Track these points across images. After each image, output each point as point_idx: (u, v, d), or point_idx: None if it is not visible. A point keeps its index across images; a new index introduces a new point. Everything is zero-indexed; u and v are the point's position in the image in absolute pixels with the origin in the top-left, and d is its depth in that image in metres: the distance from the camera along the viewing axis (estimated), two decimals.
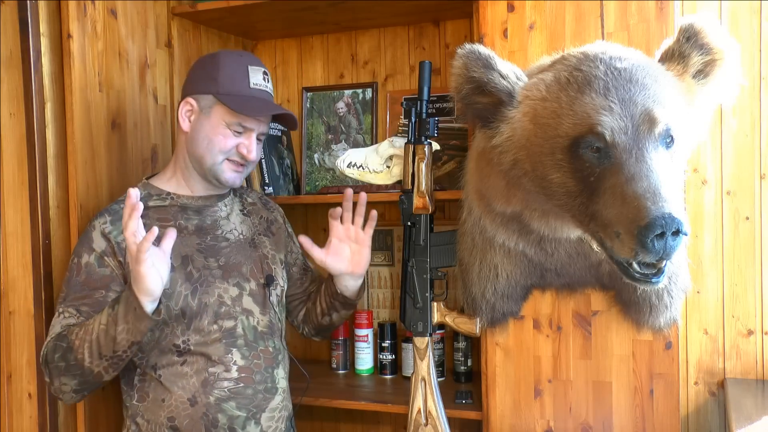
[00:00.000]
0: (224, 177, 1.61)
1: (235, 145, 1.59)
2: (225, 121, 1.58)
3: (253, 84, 1.60)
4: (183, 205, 1.64)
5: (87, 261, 1.54)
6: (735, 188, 1.85)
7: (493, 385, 1.72)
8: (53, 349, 1.46)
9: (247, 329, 1.60)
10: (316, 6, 2.03)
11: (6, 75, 1.71)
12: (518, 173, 1.40)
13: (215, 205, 1.68)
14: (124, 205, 1.51)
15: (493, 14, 1.68)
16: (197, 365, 1.54)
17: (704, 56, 1.37)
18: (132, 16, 1.91)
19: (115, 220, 1.56)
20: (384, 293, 2.32)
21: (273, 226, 1.79)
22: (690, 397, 1.90)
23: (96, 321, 1.44)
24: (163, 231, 1.45)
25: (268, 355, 1.63)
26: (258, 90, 1.60)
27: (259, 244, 1.71)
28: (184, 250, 1.58)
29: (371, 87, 2.28)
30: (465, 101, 1.41)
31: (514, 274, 1.64)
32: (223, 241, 1.65)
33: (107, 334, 1.42)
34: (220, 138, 1.58)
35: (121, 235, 1.53)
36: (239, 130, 1.59)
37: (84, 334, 1.44)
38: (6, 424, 1.75)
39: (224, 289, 1.59)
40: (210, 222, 1.66)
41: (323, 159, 2.31)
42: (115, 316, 1.41)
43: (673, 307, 1.58)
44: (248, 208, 1.77)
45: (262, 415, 1.59)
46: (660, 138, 1.26)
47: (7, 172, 1.73)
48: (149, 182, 1.67)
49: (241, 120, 1.58)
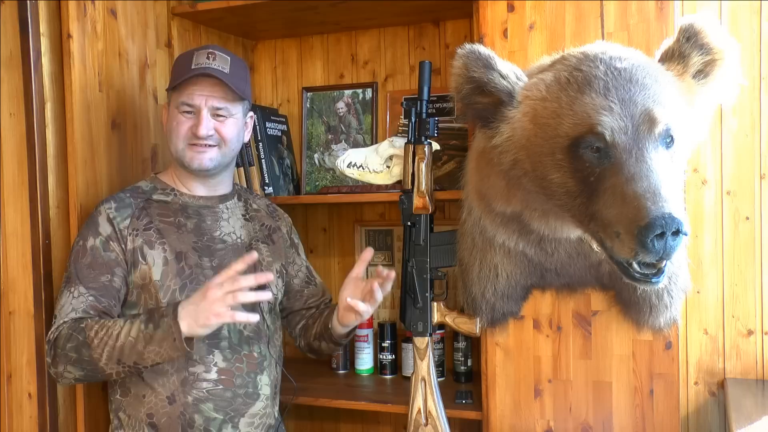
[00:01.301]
0: (188, 161, 1.62)
1: (189, 127, 1.61)
2: (174, 106, 1.62)
3: (195, 65, 1.61)
4: (184, 204, 1.66)
5: (93, 244, 1.56)
6: (735, 188, 1.85)
7: (493, 385, 1.72)
8: (67, 338, 1.47)
9: (232, 332, 1.60)
10: (316, 6, 2.03)
11: (6, 75, 1.71)
12: (518, 173, 1.40)
13: (216, 207, 1.69)
14: (130, 194, 1.61)
15: (493, 14, 1.68)
16: (178, 363, 1.54)
17: (704, 56, 1.37)
18: (132, 16, 1.91)
19: (120, 207, 1.59)
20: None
21: (274, 235, 1.79)
22: (690, 397, 1.90)
23: (123, 329, 1.45)
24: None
25: (252, 360, 1.62)
26: (198, 68, 1.60)
27: (256, 249, 1.70)
28: (179, 247, 1.60)
29: (371, 87, 2.28)
30: (465, 101, 1.41)
31: (514, 274, 1.64)
32: (219, 243, 1.65)
33: (134, 348, 1.43)
34: (174, 125, 1.62)
35: (125, 222, 1.58)
36: (187, 110, 1.61)
37: (106, 337, 1.44)
38: (6, 424, 1.75)
39: None
40: (209, 222, 1.67)
41: (323, 159, 2.31)
42: (149, 336, 1.43)
43: (673, 307, 1.58)
44: (251, 213, 1.77)
45: (240, 420, 1.59)
46: (660, 138, 1.26)
47: (7, 172, 1.73)
48: (157, 177, 1.71)
49: (183, 98, 1.60)
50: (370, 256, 1.68)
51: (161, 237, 1.59)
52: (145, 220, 1.60)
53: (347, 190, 2.01)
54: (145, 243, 1.57)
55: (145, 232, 1.58)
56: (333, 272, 2.37)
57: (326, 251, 2.37)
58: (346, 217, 2.36)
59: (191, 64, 1.61)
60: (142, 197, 1.64)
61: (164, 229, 1.61)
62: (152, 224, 1.60)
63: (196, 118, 1.61)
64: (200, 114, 1.60)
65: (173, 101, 1.64)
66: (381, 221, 2.31)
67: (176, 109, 1.62)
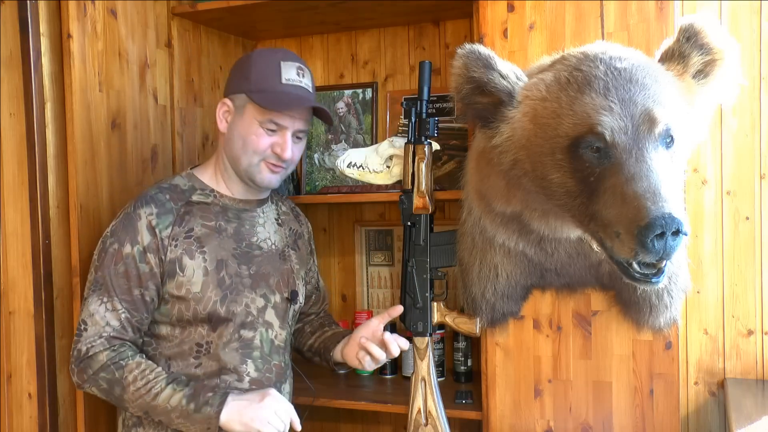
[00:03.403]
0: (259, 178, 1.58)
1: (269, 145, 1.55)
2: (257, 119, 1.54)
3: (285, 79, 1.54)
4: (224, 206, 1.61)
5: (129, 252, 1.50)
6: (735, 188, 1.85)
7: (493, 385, 1.72)
8: (102, 366, 1.46)
9: (264, 342, 1.59)
10: (316, 6, 2.03)
11: (6, 75, 1.71)
12: (518, 173, 1.40)
13: (254, 210, 1.66)
14: (169, 195, 1.54)
15: (493, 14, 1.68)
16: (210, 369, 1.54)
17: (704, 56, 1.37)
18: (132, 16, 1.91)
19: (162, 213, 1.52)
20: (384, 293, 2.32)
21: (299, 241, 1.78)
22: (690, 397, 1.90)
23: (163, 392, 1.44)
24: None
25: (279, 369, 1.63)
26: (290, 85, 1.55)
27: (287, 257, 1.69)
28: (220, 254, 1.56)
29: (371, 87, 2.28)
30: (465, 101, 1.41)
31: (514, 274, 1.64)
32: (257, 249, 1.63)
33: (167, 414, 1.44)
34: (253, 138, 1.54)
35: (167, 230, 1.51)
36: (272, 128, 1.54)
37: (144, 390, 1.44)
38: (6, 424, 1.75)
39: (251, 299, 1.58)
40: (248, 227, 1.63)
41: (323, 159, 2.30)
42: (187, 414, 1.43)
43: (673, 307, 1.58)
44: (282, 217, 1.75)
45: None
46: (660, 138, 1.26)
47: (7, 172, 1.73)
48: (194, 174, 1.64)
49: (272, 117, 1.53)
50: (397, 314, 1.69)
51: (201, 246, 1.54)
52: (186, 227, 1.54)
53: (347, 190, 2.01)
54: (185, 253, 1.52)
55: (185, 240, 1.53)
56: (333, 272, 2.37)
57: (326, 251, 2.37)
58: (346, 217, 2.36)
59: (280, 77, 1.54)
60: (182, 199, 1.57)
61: (205, 235, 1.55)
62: (193, 231, 1.54)
63: (279, 137, 1.55)
64: (285, 136, 1.56)
65: (252, 112, 1.54)
66: (381, 221, 2.31)
67: (257, 122, 1.54)
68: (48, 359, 1.68)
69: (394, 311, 1.67)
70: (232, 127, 1.58)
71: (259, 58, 1.58)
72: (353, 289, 2.35)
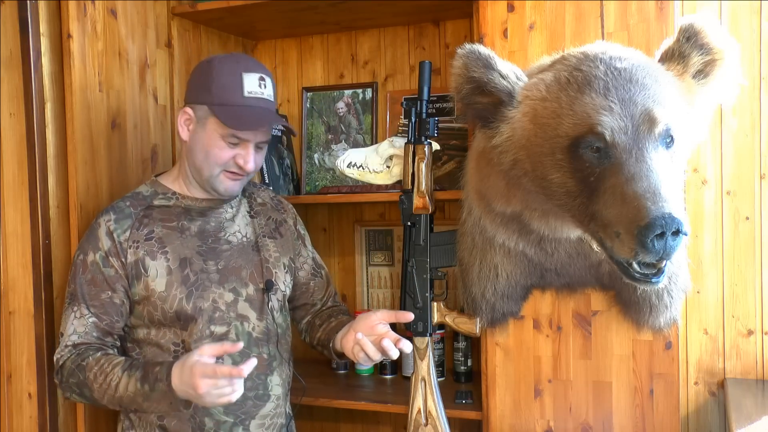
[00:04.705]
0: (222, 188, 1.59)
1: (231, 157, 1.55)
2: (219, 133, 1.53)
3: (248, 92, 1.53)
4: (187, 207, 1.62)
5: (93, 260, 1.54)
6: (735, 188, 1.85)
7: (493, 385, 1.72)
8: (70, 372, 1.49)
9: (241, 335, 1.59)
10: (316, 6, 2.03)
11: (6, 75, 1.71)
12: (518, 173, 1.40)
13: (220, 207, 1.66)
14: (130, 202, 1.57)
15: (493, 14, 1.68)
16: None
17: (704, 56, 1.37)
18: (132, 16, 1.91)
19: (120, 218, 1.56)
20: (384, 293, 2.32)
21: (282, 228, 1.75)
22: (690, 397, 1.90)
23: (120, 381, 1.44)
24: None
25: (263, 361, 1.61)
26: (253, 98, 1.53)
27: (262, 247, 1.68)
28: (183, 252, 1.57)
29: (371, 87, 2.28)
30: (465, 101, 1.41)
31: (514, 274, 1.64)
32: (225, 244, 1.63)
33: (134, 401, 1.45)
34: (216, 150, 1.54)
35: (125, 233, 1.55)
36: (234, 141, 1.54)
37: (105, 385, 1.45)
38: (6, 424, 1.75)
39: (219, 294, 1.58)
40: (214, 224, 1.64)
41: (323, 159, 2.31)
42: (146, 395, 1.42)
43: (673, 307, 1.58)
44: (256, 208, 1.74)
45: (251, 422, 1.58)
46: (660, 138, 1.26)
47: (7, 172, 1.73)
48: (157, 180, 1.66)
49: (235, 132, 1.53)
50: (405, 320, 1.60)
51: (163, 246, 1.56)
52: (146, 230, 1.56)
53: (347, 190, 2.01)
54: (147, 254, 1.54)
55: (146, 242, 1.55)
56: (333, 272, 2.37)
57: (326, 251, 2.37)
58: (346, 217, 2.36)
59: (242, 90, 1.52)
60: (143, 204, 1.59)
61: (166, 235, 1.57)
62: (153, 233, 1.56)
63: (242, 149, 1.55)
64: (248, 148, 1.55)
65: (214, 126, 1.53)
66: (381, 221, 2.31)
67: (219, 135, 1.53)
68: (48, 359, 1.68)
69: (402, 316, 1.59)
70: (194, 137, 1.57)
71: (220, 68, 1.55)
72: (353, 289, 2.35)
